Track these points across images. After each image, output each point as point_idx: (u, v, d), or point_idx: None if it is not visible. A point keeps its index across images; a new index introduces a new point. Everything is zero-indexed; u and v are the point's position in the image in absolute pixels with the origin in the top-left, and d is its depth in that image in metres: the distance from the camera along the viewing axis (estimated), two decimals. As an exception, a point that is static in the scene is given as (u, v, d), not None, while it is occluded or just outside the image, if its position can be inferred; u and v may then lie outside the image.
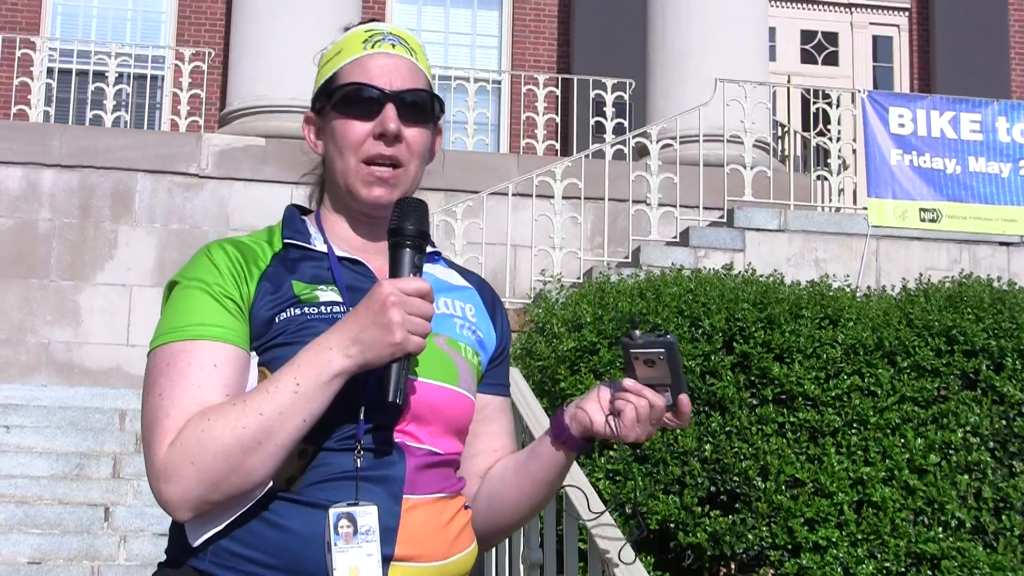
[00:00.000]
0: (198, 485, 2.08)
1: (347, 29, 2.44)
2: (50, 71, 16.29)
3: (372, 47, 2.36)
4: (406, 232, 2.21)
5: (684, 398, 2.33)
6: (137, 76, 16.42)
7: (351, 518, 2.13)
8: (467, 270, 2.57)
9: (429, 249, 2.39)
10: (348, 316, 2.15)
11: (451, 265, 2.54)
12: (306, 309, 2.24)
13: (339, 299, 2.27)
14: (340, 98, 2.34)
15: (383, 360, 2.13)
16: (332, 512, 2.13)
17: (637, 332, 2.28)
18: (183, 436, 2.09)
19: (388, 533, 2.17)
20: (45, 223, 13.40)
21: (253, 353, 2.23)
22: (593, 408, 2.36)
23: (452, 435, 2.34)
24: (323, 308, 2.25)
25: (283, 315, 2.23)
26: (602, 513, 4.32)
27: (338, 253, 2.35)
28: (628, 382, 2.31)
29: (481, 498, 2.47)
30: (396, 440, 2.23)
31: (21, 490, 9.48)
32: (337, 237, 2.38)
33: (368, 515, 2.14)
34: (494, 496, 2.47)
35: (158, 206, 13.67)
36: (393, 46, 2.37)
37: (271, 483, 2.13)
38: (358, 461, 2.18)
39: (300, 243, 2.35)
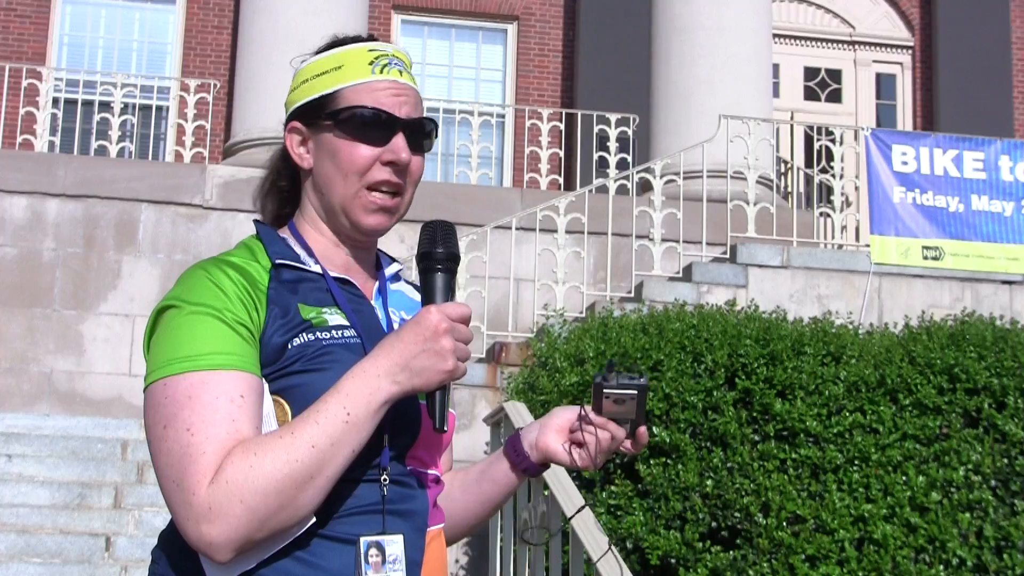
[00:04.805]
0: (247, 524, 1.97)
1: (338, 43, 2.35)
2: (56, 101, 16.34)
3: (381, 71, 2.30)
4: (437, 256, 2.18)
5: (642, 430, 2.37)
6: (142, 107, 16.45)
7: (379, 547, 2.10)
8: (416, 285, 2.47)
9: (396, 267, 2.43)
10: (391, 341, 2.08)
11: (407, 281, 2.51)
12: (319, 334, 2.16)
13: (346, 322, 2.20)
14: (348, 119, 2.27)
15: (430, 387, 2.08)
16: (362, 541, 2.09)
17: (612, 373, 2.30)
18: (227, 473, 1.98)
19: (413, 568, 2.15)
20: (49, 252, 13.42)
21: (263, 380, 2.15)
22: (554, 440, 2.37)
23: (441, 454, 2.34)
24: (335, 332, 2.18)
25: (296, 341, 2.15)
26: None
27: (331, 273, 2.28)
28: (593, 416, 2.32)
29: None
30: (409, 467, 2.21)
31: (22, 519, 9.49)
32: (321, 256, 2.30)
33: (395, 543, 2.11)
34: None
35: (162, 237, 13.71)
36: (400, 72, 2.33)
37: (314, 519, 2.06)
38: (384, 490, 2.14)
39: (293, 263, 2.26)
